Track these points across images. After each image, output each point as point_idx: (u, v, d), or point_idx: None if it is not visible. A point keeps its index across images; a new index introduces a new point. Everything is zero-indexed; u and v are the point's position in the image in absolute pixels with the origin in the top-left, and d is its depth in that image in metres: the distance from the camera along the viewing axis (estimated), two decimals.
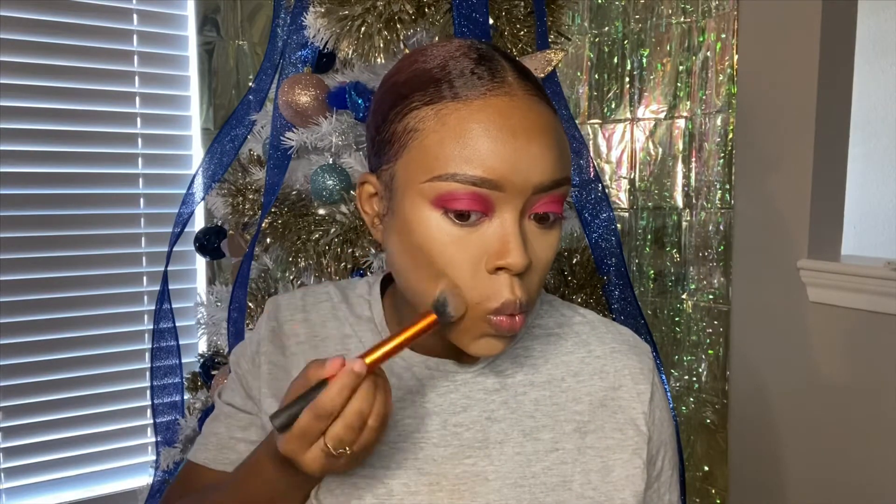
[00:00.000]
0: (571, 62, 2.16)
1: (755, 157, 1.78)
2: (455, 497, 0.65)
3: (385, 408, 0.58)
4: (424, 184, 0.59)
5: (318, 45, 1.15)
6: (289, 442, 0.57)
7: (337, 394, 0.55)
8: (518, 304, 0.60)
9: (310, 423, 0.56)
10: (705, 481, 1.94)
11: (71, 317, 1.83)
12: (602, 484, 0.68)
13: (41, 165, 1.78)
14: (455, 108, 0.59)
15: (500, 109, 0.59)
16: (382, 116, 0.64)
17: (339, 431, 0.56)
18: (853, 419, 1.63)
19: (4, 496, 1.78)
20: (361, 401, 0.56)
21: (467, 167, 0.58)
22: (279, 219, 1.19)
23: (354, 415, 0.56)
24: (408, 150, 0.61)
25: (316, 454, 0.57)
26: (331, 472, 0.60)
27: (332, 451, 0.56)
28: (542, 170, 0.59)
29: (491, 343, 0.62)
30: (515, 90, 0.60)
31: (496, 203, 0.59)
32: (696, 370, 1.94)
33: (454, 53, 0.62)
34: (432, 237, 0.60)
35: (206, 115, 1.95)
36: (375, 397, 0.57)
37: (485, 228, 0.60)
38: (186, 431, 1.37)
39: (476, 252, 0.60)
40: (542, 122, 0.60)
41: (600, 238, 1.28)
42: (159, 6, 1.89)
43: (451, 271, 0.60)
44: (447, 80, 0.60)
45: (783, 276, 1.73)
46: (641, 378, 0.72)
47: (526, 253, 0.59)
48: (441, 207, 0.59)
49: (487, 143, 0.58)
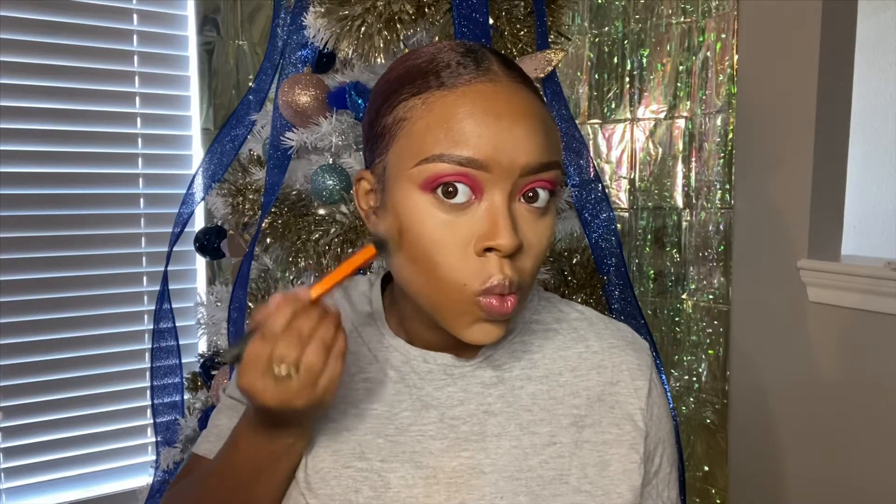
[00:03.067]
0: (571, 62, 2.16)
1: (755, 157, 1.78)
2: (452, 490, 0.65)
3: (331, 333, 0.59)
4: (413, 168, 0.60)
5: (318, 45, 1.15)
6: (242, 375, 0.59)
7: (280, 315, 0.58)
8: (508, 283, 0.60)
9: (255, 348, 0.58)
10: (705, 481, 1.94)
11: (71, 317, 1.83)
12: (599, 478, 0.68)
13: (41, 165, 1.78)
14: (441, 95, 0.61)
15: (484, 94, 0.60)
16: (375, 112, 0.66)
17: (279, 348, 0.57)
18: (853, 419, 1.63)
19: (4, 496, 1.78)
20: (302, 320, 0.58)
21: (454, 148, 0.59)
22: (279, 219, 1.19)
23: (293, 331, 0.58)
24: (397, 140, 0.62)
25: (267, 382, 0.58)
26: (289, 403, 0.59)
27: (277, 371, 0.57)
28: (527, 151, 0.60)
29: (486, 329, 0.62)
30: (500, 77, 0.62)
31: (484, 184, 0.60)
32: (696, 370, 1.94)
33: (443, 49, 0.64)
34: (422, 222, 0.60)
35: (206, 115, 1.95)
36: (321, 322, 0.59)
37: (473, 211, 0.60)
38: (186, 431, 1.37)
39: (465, 234, 0.60)
40: (526, 106, 0.61)
41: (600, 238, 1.28)
42: (159, 6, 1.89)
43: (439, 254, 0.60)
44: (434, 72, 0.62)
45: (783, 276, 1.73)
46: (639, 374, 0.72)
47: (515, 234, 0.60)
48: (430, 190, 0.60)
49: (472, 126, 0.59)
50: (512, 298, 0.61)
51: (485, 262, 0.60)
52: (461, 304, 0.61)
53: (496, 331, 0.63)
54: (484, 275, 0.60)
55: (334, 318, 0.60)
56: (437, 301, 0.62)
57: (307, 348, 0.58)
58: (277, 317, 0.58)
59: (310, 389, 0.59)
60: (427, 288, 0.62)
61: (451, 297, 0.61)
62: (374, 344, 0.72)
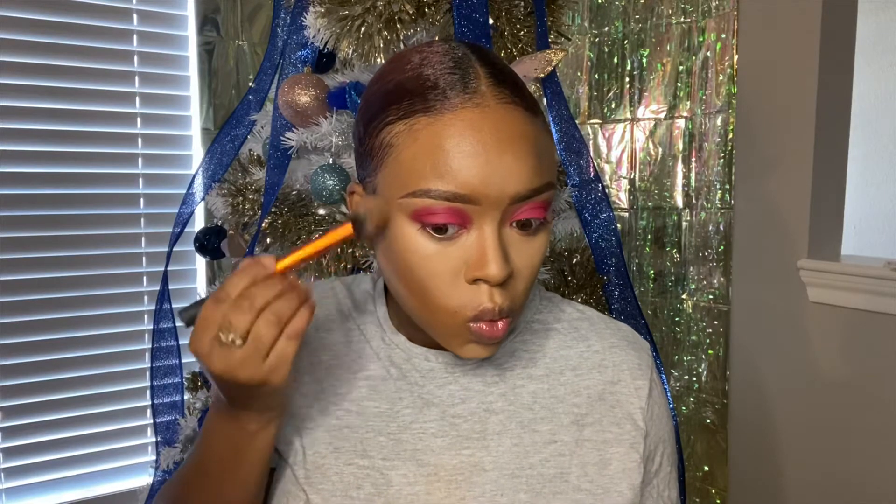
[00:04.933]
0: (571, 62, 2.16)
1: (755, 157, 1.79)
2: (452, 487, 0.66)
3: (289, 309, 0.57)
4: (401, 199, 0.60)
5: (318, 45, 1.15)
6: (193, 336, 0.57)
7: (237, 279, 0.56)
8: (497, 310, 0.60)
9: (209, 310, 0.56)
10: (705, 481, 1.94)
11: (71, 317, 1.83)
12: (599, 477, 0.68)
13: (41, 165, 1.78)
14: (427, 122, 0.59)
15: (470, 122, 0.58)
16: (363, 128, 0.64)
17: (229, 313, 0.56)
18: (853, 419, 1.63)
19: (4, 496, 1.78)
20: (258, 289, 0.56)
21: (440, 183, 0.58)
22: (279, 219, 1.19)
23: (246, 298, 0.56)
24: (385, 166, 0.61)
25: (214, 346, 0.56)
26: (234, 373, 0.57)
27: (223, 337, 0.56)
28: (517, 180, 0.59)
29: (477, 349, 0.63)
30: (488, 100, 0.59)
31: (473, 216, 0.59)
32: (696, 370, 1.94)
33: (430, 59, 0.62)
34: (412, 251, 0.60)
35: (206, 115, 1.95)
36: (282, 296, 0.57)
37: (463, 240, 0.60)
38: (186, 431, 1.37)
39: (456, 263, 0.60)
40: (515, 131, 0.59)
41: (600, 238, 1.28)
42: (159, 6, 1.89)
43: (431, 282, 0.60)
44: (419, 94, 0.60)
45: (783, 276, 1.73)
46: (640, 373, 0.72)
47: (505, 264, 0.59)
48: (419, 222, 0.60)
49: (459, 158, 0.58)
50: (503, 323, 0.61)
51: (476, 290, 0.60)
52: (453, 328, 0.62)
53: (488, 351, 0.64)
54: (475, 302, 0.60)
55: (299, 295, 0.58)
56: (430, 322, 0.63)
57: (258, 319, 0.56)
58: (235, 281, 0.56)
59: (255, 362, 0.56)
60: (420, 311, 0.63)
61: (442, 320, 0.62)
62: (375, 341, 0.72)
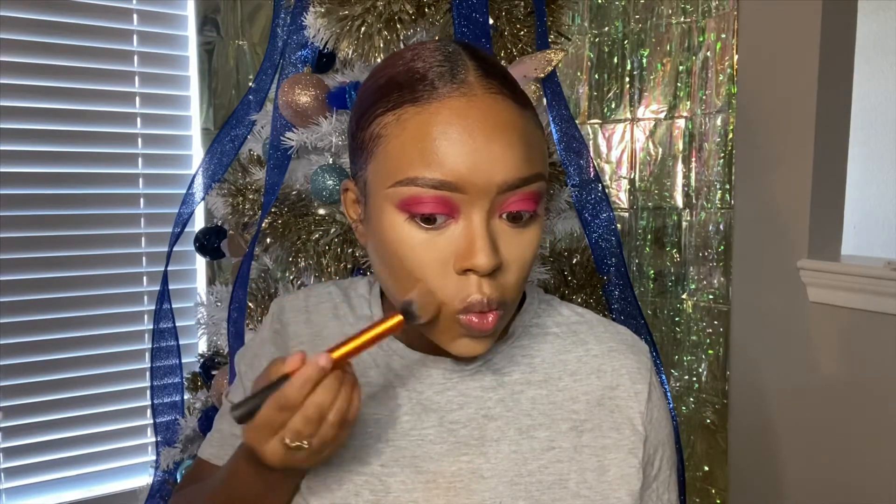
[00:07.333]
0: (571, 62, 2.16)
1: (755, 157, 1.79)
2: (451, 494, 0.65)
3: (347, 404, 0.58)
4: (389, 189, 0.60)
5: (318, 45, 1.15)
6: (250, 432, 0.58)
7: (300, 385, 0.56)
8: (486, 301, 0.60)
9: (271, 414, 0.56)
10: (705, 481, 1.94)
11: (71, 317, 1.83)
12: (598, 483, 0.68)
13: (41, 165, 1.78)
14: (415, 112, 0.59)
15: (457, 110, 0.59)
16: (355, 123, 0.65)
17: (297, 423, 0.56)
18: (853, 419, 1.63)
19: (4, 496, 1.78)
20: (322, 394, 0.56)
21: (426, 171, 0.58)
22: (279, 219, 1.19)
23: (314, 407, 0.56)
24: (374, 157, 0.61)
25: (276, 446, 0.57)
26: (292, 465, 0.60)
27: (290, 443, 0.57)
28: (504, 168, 0.59)
29: (469, 344, 0.63)
30: (475, 90, 0.60)
31: (461, 205, 0.59)
32: (696, 370, 1.94)
33: (421, 53, 0.63)
34: (401, 241, 0.60)
35: (206, 115, 1.95)
36: (339, 393, 0.57)
37: (452, 231, 0.60)
38: (186, 431, 1.37)
39: (444, 254, 0.60)
40: (502, 120, 0.59)
41: (600, 238, 1.28)
42: (159, 6, 1.89)
43: (420, 273, 0.60)
44: (409, 86, 0.60)
45: (783, 276, 1.73)
46: (639, 377, 0.72)
47: (494, 254, 0.59)
48: (406, 211, 0.60)
49: (445, 146, 0.58)
50: (492, 315, 0.61)
51: (464, 281, 0.60)
52: (443, 321, 0.62)
53: (480, 346, 0.63)
54: (463, 293, 0.60)
55: (351, 383, 0.59)
56: None
57: (323, 423, 0.57)
58: (297, 386, 0.56)
59: (317, 457, 0.60)
60: None
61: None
62: (373, 348, 0.72)
